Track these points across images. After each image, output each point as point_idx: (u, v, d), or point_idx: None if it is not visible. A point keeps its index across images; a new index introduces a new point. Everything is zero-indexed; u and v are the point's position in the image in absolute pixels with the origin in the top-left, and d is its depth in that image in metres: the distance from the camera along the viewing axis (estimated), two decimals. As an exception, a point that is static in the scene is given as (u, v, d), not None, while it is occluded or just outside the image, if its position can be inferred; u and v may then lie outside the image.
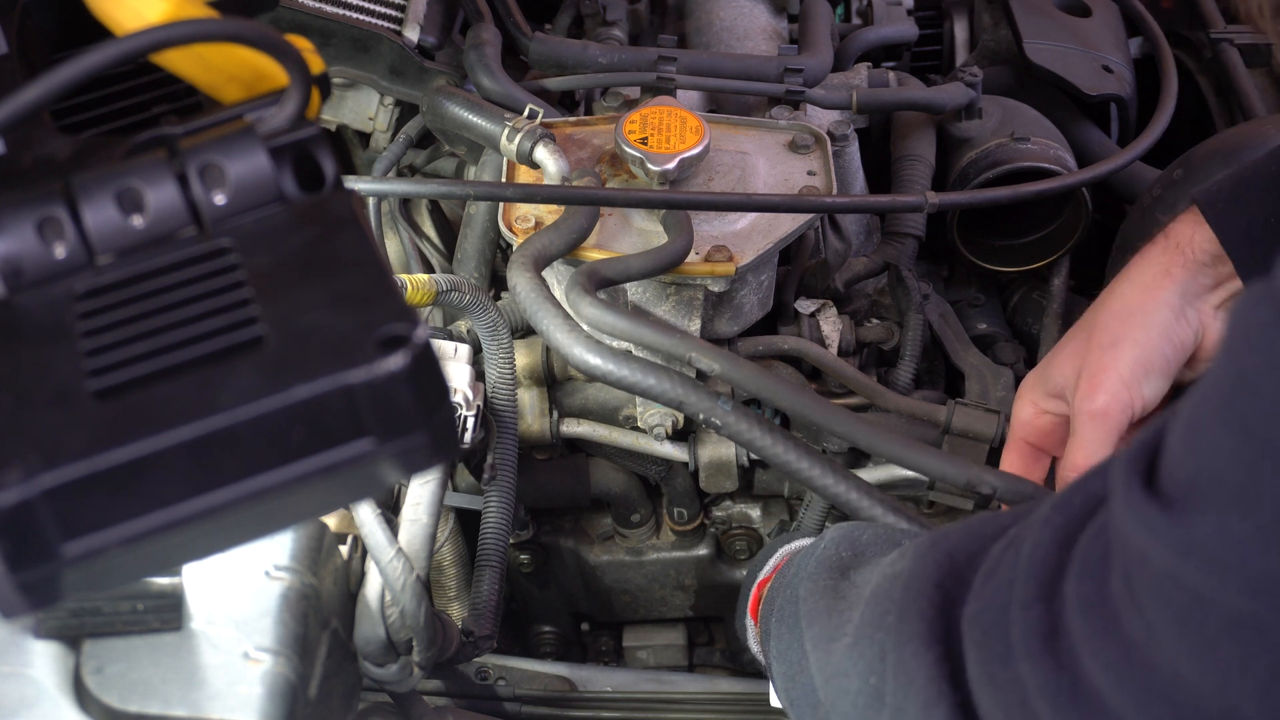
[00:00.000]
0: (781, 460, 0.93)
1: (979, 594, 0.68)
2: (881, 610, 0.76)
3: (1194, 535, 0.51)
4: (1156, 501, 0.53)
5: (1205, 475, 0.52)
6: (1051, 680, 0.60)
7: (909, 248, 1.34)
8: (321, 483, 0.49)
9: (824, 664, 0.83)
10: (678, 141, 1.15)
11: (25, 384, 0.49)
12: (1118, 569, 0.56)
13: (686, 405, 0.94)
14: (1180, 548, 0.52)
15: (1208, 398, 0.53)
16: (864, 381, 1.21)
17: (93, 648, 0.78)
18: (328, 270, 0.53)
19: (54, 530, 0.46)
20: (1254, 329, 0.51)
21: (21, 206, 0.53)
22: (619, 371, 0.95)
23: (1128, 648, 0.55)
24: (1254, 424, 0.50)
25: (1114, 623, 0.56)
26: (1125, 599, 0.55)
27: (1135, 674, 0.55)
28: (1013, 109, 1.41)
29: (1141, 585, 0.54)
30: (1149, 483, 0.55)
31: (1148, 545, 0.53)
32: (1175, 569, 0.52)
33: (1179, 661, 0.53)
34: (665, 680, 1.26)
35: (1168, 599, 0.53)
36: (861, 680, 0.77)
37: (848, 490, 0.93)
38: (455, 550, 1.30)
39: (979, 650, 0.66)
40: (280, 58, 0.56)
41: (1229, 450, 0.51)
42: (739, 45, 1.45)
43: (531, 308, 1.00)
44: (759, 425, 0.93)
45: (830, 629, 0.84)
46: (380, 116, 1.38)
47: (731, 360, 0.94)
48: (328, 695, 0.85)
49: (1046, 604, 0.61)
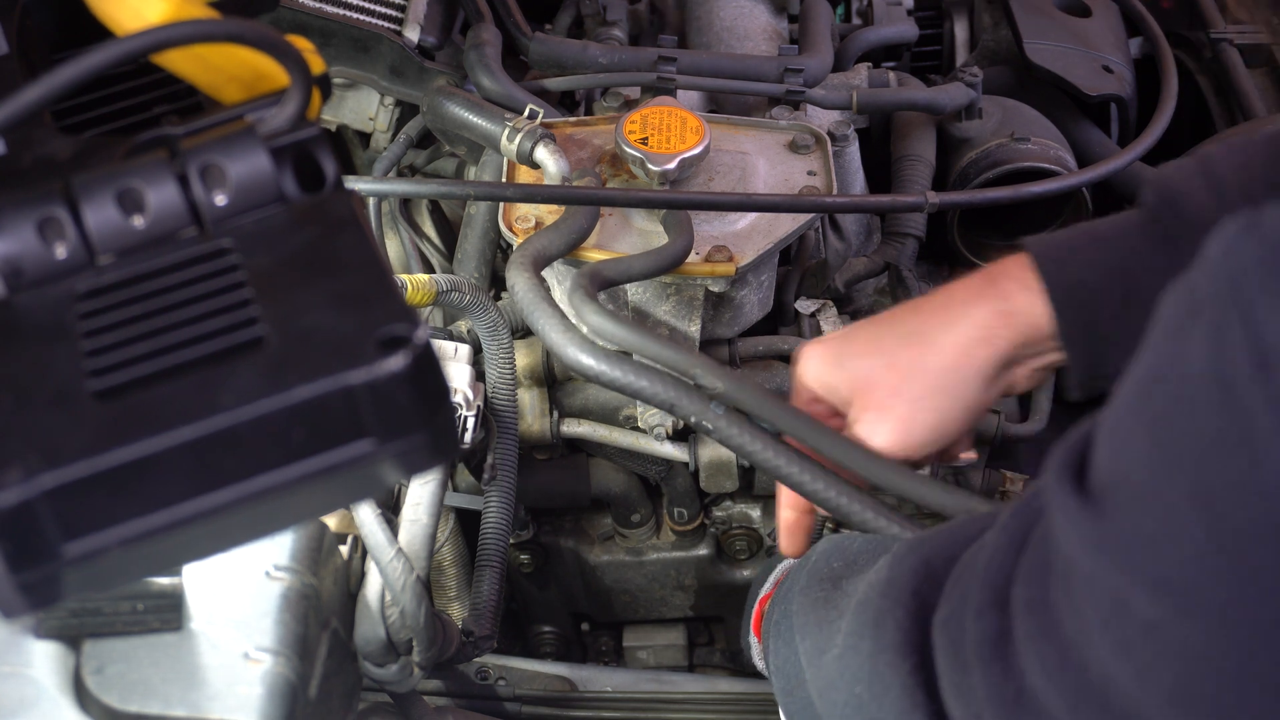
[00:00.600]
0: (771, 465, 0.93)
1: (948, 599, 0.68)
2: (864, 620, 0.76)
3: (1108, 535, 0.51)
4: (1082, 500, 0.53)
5: (1120, 473, 0.51)
6: (998, 687, 0.59)
7: (909, 248, 1.34)
8: (322, 483, 0.49)
9: (816, 677, 0.83)
10: (678, 141, 1.15)
11: (25, 384, 0.49)
12: (1057, 572, 0.56)
13: (678, 408, 0.94)
14: (1099, 547, 0.51)
15: (1124, 392, 0.52)
16: (864, 381, 1.21)
17: (93, 648, 0.78)
18: (328, 270, 0.53)
19: (54, 530, 0.46)
20: (1168, 324, 0.50)
21: (22, 206, 0.53)
22: (612, 373, 0.95)
23: (1064, 649, 0.55)
24: (1159, 420, 0.49)
25: (1054, 625, 0.56)
26: (1063, 600, 0.55)
27: (1070, 676, 0.55)
28: (1013, 109, 1.41)
29: (1075, 585, 0.54)
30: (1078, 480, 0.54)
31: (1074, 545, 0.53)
32: (1095, 569, 0.52)
33: (1106, 662, 0.53)
34: (665, 680, 1.26)
35: (1094, 599, 0.53)
36: (848, 691, 0.76)
37: (838, 496, 0.92)
38: (455, 550, 1.30)
39: (945, 658, 0.66)
40: (281, 58, 0.56)
41: (1139, 447, 0.50)
42: (739, 45, 1.45)
43: (528, 308, 1.00)
44: (750, 430, 0.93)
45: (821, 641, 0.83)
46: (380, 117, 1.38)
47: (735, 380, 0.94)
48: (328, 695, 0.85)
49: (998, 611, 0.61)
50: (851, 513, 0.93)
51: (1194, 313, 0.48)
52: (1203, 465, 0.47)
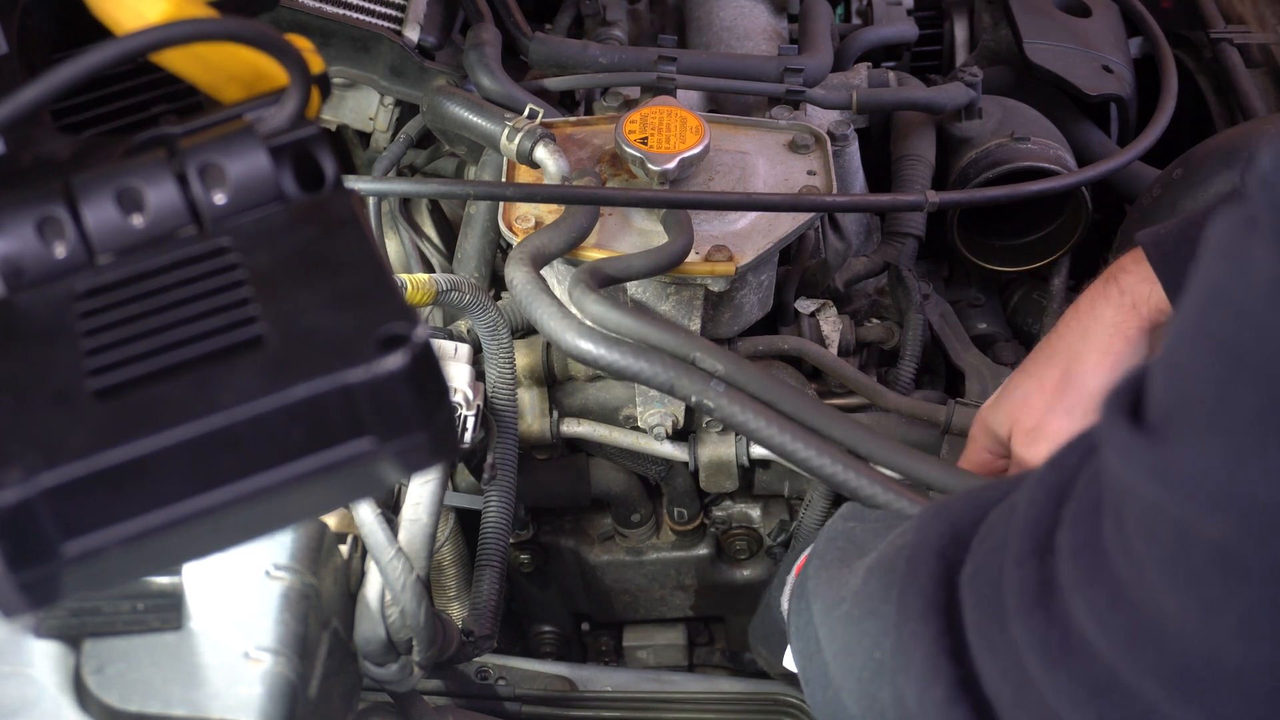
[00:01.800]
0: (776, 442, 0.93)
1: (975, 555, 0.67)
2: (885, 583, 0.75)
3: (1174, 461, 0.49)
4: (1140, 432, 0.52)
5: (1182, 398, 0.50)
6: (1041, 636, 0.58)
7: (909, 248, 1.34)
8: (321, 482, 0.49)
9: (830, 637, 0.82)
10: (678, 141, 1.15)
11: (25, 384, 0.49)
12: (1109, 512, 0.55)
13: (678, 388, 0.93)
14: (1162, 476, 0.50)
15: (1182, 320, 0.51)
16: (864, 381, 1.21)
17: (93, 648, 0.77)
18: (328, 270, 0.52)
19: (54, 530, 0.46)
20: (1224, 240, 0.49)
21: (21, 206, 0.53)
22: (609, 356, 0.95)
23: (1116, 591, 0.54)
24: (1224, 337, 0.48)
25: (1104, 567, 0.55)
26: (1115, 541, 0.54)
27: (1123, 618, 0.54)
28: (1013, 109, 1.41)
29: (1130, 523, 0.53)
30: (1134, 415, 0.53)
31: (1133, 477, 0.52)
32: (1159, 499, 0.50)
33: (1164, 600, 0.51)
34: (665, 680, 1.26)
35: (1153, 533, 0.51)
36: (866, 655, 0.76)
37: (844, 471, 0.92)
38: (455, 550, 1.30)
39: (975, 613, 0.65)
40: (280, 57, 0.56)
41: (1202, 368, 0.49)
42: (739, 45, 1.45)
43: (526, 298, 1.00)
44: (751, 407, 0.92)
45: (832, 598, 0.83)
46: (380, 116, 1.38)
47: (735, 362, 0.94)
48: (328, 695, 0.85)
49: (1039, 559, 0.60)
50: (859, 487, 0.93)
51: (1250, 226, 0.47)
52: (1276, 372, 0.46)
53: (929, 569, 0.70)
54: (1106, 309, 0.95)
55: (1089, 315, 0.96)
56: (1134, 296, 0.94)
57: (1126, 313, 0.94)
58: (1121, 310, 0.94)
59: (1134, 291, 0.94)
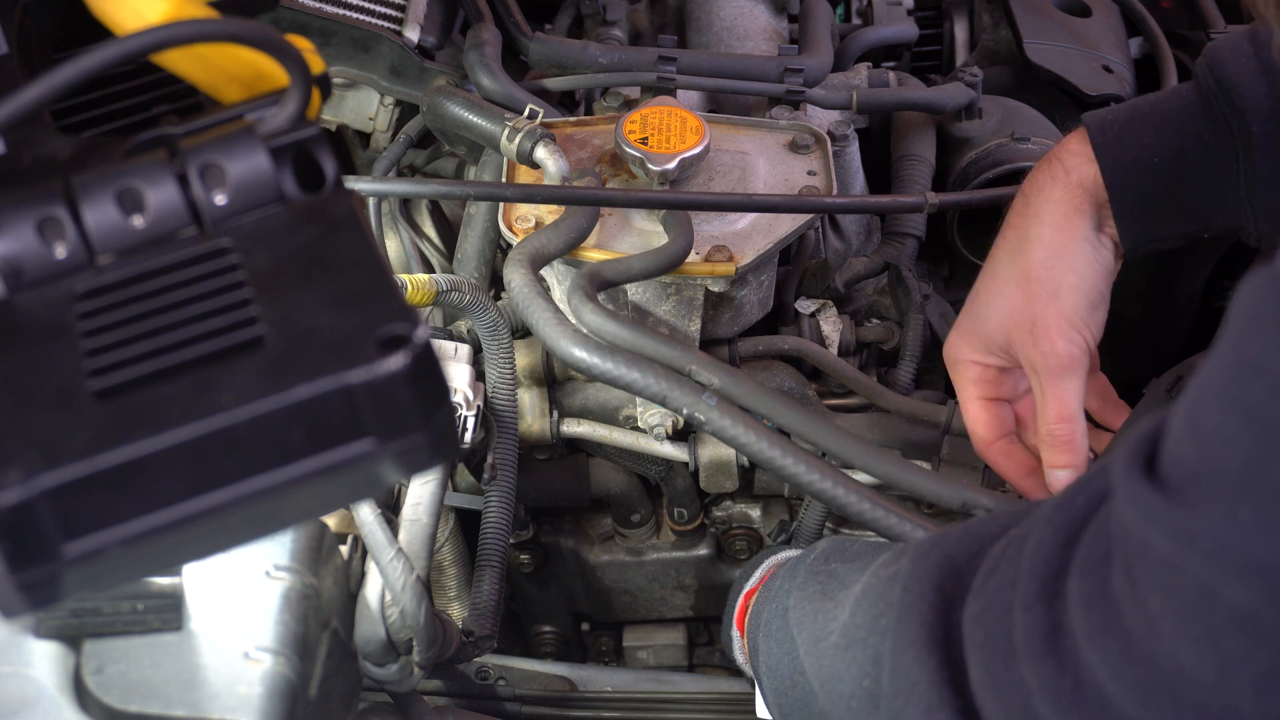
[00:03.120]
0: (766, 457, 0.93)
1: (980, 594, 0.67)
2: (876, 612, 0.75)
3: (1197, 524, 0.50)
4: (1159, 490, 0.53)
5: (1208, 463, 0.51)
6: (1053, 681, 0.59)
7: (909, 248, 1.34)
8: (321, 483, 0.49)
9: (817, 667, 0.83)
10: (678, 141, 1.15)
11: (25, 384, 0.49)
12: (1119, 563, 0.56)
13: (670, 400, 0.94)
14: (1183, 537, 0.51)
15: (1210, 385, 0.52)
16: (864, 382, 1.21)
17: (93, 648, 0.77)
18: (328, 270, 0.53)
19: (54, 530, 0.46)
20: (1257, 313, 0.50)
21: (22, 206, 0.53)
22: (603, 365, 0.95)
23: (1129, 642, 0.55)
24: (1258, 409, 0.49)
25: (1115, 617, 0.55)
26: (1127, 592, 0.55)
27: (1137, 668, 0.54)
28: (1013, 109, 1.41)
29: (1143, 576, 0.54)
30: (1151, 472, 0.54)
31: (1150, 534, 0.53)
32: (1177, 558, 0.51)
33: (1180, 653, 0.52)
34: (665, 680, 1.26)
35: (1169, 589, 0.52)
36: (855, 684, 0.76)
37: (834, 486, 0.92)
38: (455, 550, 1.30)
39: (981, 652, 0.66)
40: (280, 58, 0.56)
41: (1232, 436, 0.50)
42: (739, 45, 1.45)
43: (523, 303, 1.00)
44: (743, 421, 0.92)
45: (818, 630, 0.83)
46: (380, 116, 1.38)
47: (731, 375, 0.94)
48: (328, 695, 0.85)
49: (1048, 604, 0.60)
50: (848, 504, 0.93)
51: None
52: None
53: (928, 600, 0.70)
54: (1055, 189, 0.97)
55: (1038, 198, 0.98)
56: (1079, 175, 0.96)
57: (1074, 189, 0.96)
58: (1069, 188, 0.96)
59: (1079, 171, 0.96)
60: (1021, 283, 0.97)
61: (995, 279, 1.00)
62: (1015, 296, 0.97)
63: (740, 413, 0.93)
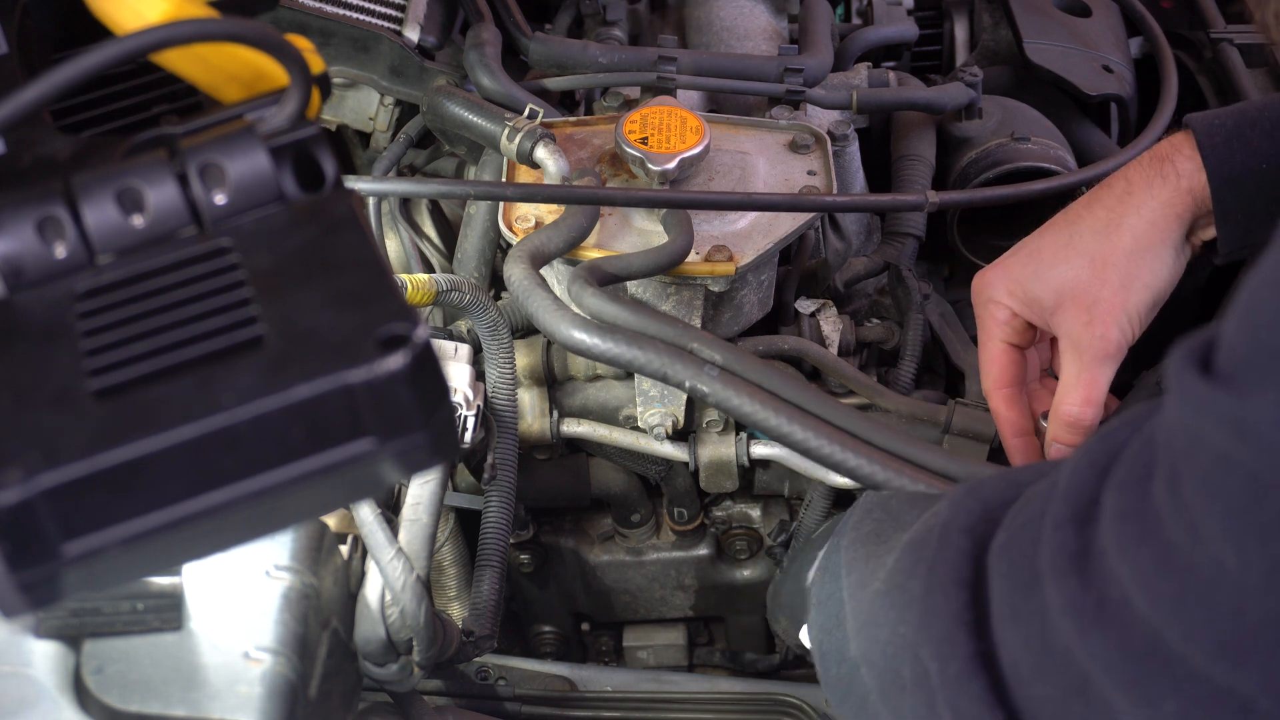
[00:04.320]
0: (772, 425, 0.93)
1: (1008, 527, 0.67)
2: (915, 558, 0.75)
3: (1251, 412, 0.49)
4: (1213, 382, 0.51)
5: (1263, 350, 0.50)
6: (1076, 597, 0.58)
7: (909, 248, 1.34)
8: (321, 483, 0.49)
9: (857, 610, 0.82)
10: (678, 141, 1.15)
11: (25, 384, 0.49)
12: (1162, 473, 0.54)
13: (671, 375, 0.93)
14: (1236, 425, 0.49)
15: (1265, 279, 0.51)
16: (864, 381, 1.21)
17: (93, 648, 0.77)
18: (328, 270, 0.53)
19: (54, 530, 0.46)
20: None
21: (22, 206, 0.53)
22: (603, 345, 0.95)
23: (1167, 552, 0.53)
24: None
25: (1152, 530, 0.54)
26: (1169, 502, 0.54)
27: (1172, 581, 0.53)
28: (1013, 109, 1.41)
29: (1190, 478, 0.52)
30: (1205, 369, 0.53)
31: (1202, 427, 0.51)
32: (1230, 448, 0.50)
33: (1224, 557, 0.51)
34: (665, 680, 1.26)
35: (1218, 487, 0.51)
36: (891, 629, 0.76)
37: (841, 451, 0.91)
38: (455, 550, 1.30)
39: (1004, 581, 0.65)
40: (280, 57, 0.56)
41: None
42: (739, 45, 1.45)
43: (523, 294, 1.00)
44: (745, 391, 0.92)
45: (866, 575, 0.83)
46: (380, 116, 1.38)
47: (733, 352, 0.94)
48: (328, 695, 0.85)
49: (1079, 525, 0.60)
50: (857, 467, 0.92)
51: None
52: None
53: (958, 544, 0.70)
54: (1164, 189, 0.97)
55: (1143, 193, 0.98)
56: (1190, 182, 0.97)
57: (1182, 195, 0.97)
58: (1178, 193, 0.97)
59: (1190, 178, 0.97)
60: (1097, 263, 0.98)
61: (1069, 248, 1.00)
62: (1084, 272, 0.98)
63: (743, 383, 0.93)
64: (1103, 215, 0.99)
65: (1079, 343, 0.98)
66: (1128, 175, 1.00)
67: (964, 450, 1.15)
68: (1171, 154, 0.98)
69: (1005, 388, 1.05)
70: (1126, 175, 1.00)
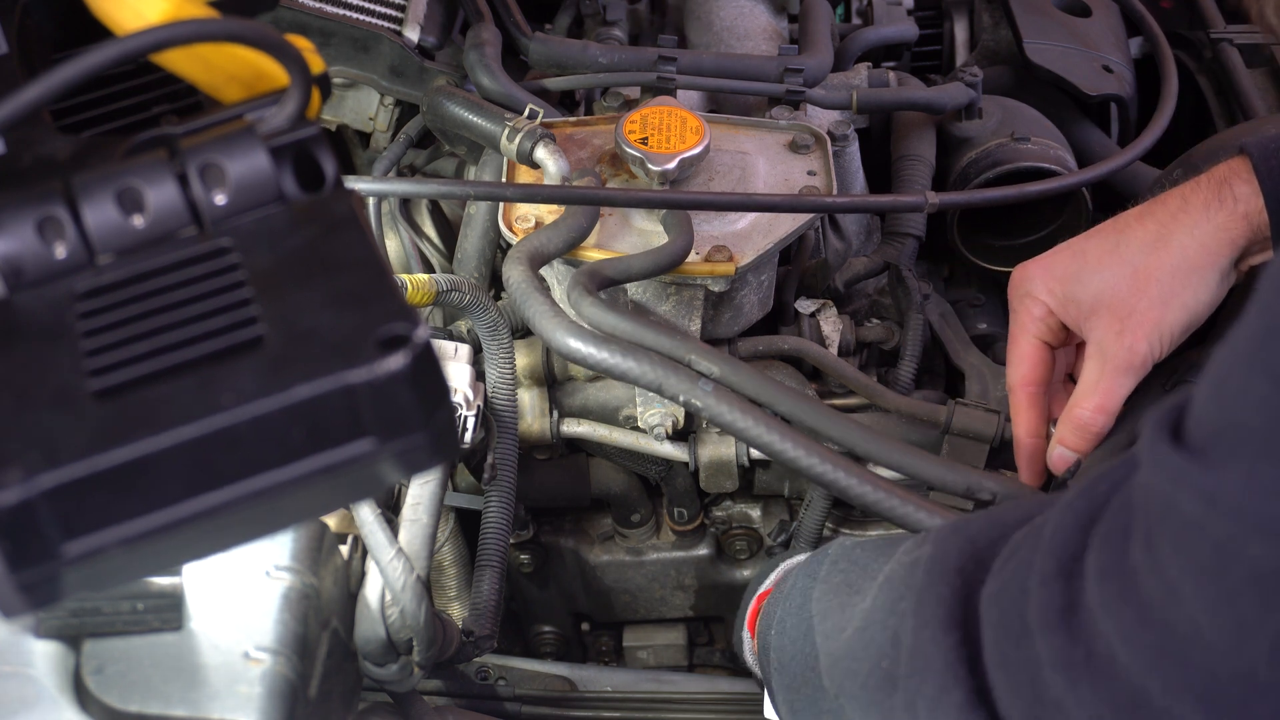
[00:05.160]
0: (764, 442, 0.93)
1: (998, 575, 0.68)
2: (897, 595, 0.76)
3: (1220, 483, 0.51)
4: (1184, 451, 0.53)
5: (1233, 423, 0.52)
6: (1065, 652, 0.60)
7: (909, 248, 1.34)
8: (321, 483, 0.49)
9: (832, 657, 0.83)
10: (678, 141, 1.15)
11: (25, 384, 0.49)
12: (1139, 533, 0.56)
13: (667, 388, 0.93)
14: (1206, 495, 0.52)
15: (1237, 349, 0.53)
16: (864, 381, 1.21)
17: (93, 648, 0.77)
18: (328, 270, 0.53)
19: (54, 530, 0.46)
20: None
21: (22, 206, 0.53)
22: (599, 355, 0.95)
23: (1145, 609, 0.55)
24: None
25: (1132, 587, 0.56)
26: (1145, 561, 0.55)
27: (1151, 635, 0.55)
28: (1013, 109, 1.41)
29: (1164, 541, 0.54)
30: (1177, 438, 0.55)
31: (1174, 495, 0.53)
32: (1200, 517, 0.52)
33: (1197, 617, 0.53)
34: (665, 680, 1.26)
35: (1190, 551, 0.53)
36: (873, 664, 0.76)
37: (834, 471, 0.92)
38: (455, 550, 1.30)
39: (995, 630, 0.67)
40: (280, 57, 0.56)
41: (1258, 397, 0.51)
42: (739, 45, 1.45)
43: (520, 297, 1.00)
44: (739, 406, 0.92)
45: (841, 621, 0.84)
46: (380, 116, 1.38)
47: (730, 364, 0.94)
48: (328, 695, 0.85)
49: (1065, 580, 0.61)
50: (849, 487, 0.92)
51: None
52: None
53: (949, 582, 0.71)
54: (1219, 213, 0.96)
55: (1199, 213, 0.96)
56: (1246, 207, 0.96)
57: (1238, 220, 0.95)
58: (1234, 217, 0.96)
59: (1246, 202, 0.96)
60: (1140, 277, 0.97)
61: (1114, 255, 0.99)
62: (1125, 283, 0.97)
63: (738, 398, 0.93)
64: (1154, 229, 0.98)
65: (1106, 350, 0.97)
66: (1185, 194, 0.99)
67: (964, 451, 1.15)
68: (1230, 177, 0.97)
69: (1031, 385, 1.04)
70: (1183, 194, 0.99)
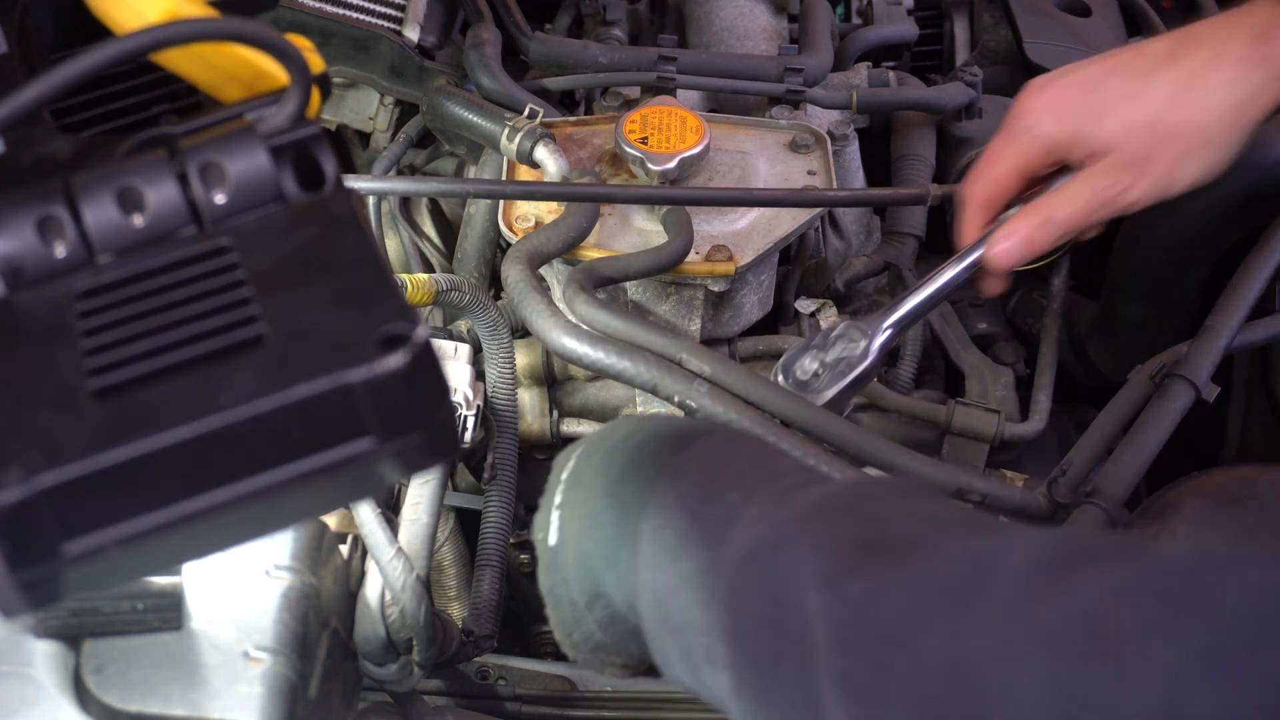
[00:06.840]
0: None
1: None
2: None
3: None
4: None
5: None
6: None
7: (909, 247, 1.34)
8: (321, 482, 0.49)
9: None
10: (678, 141, 1.15)
11: (25, 384, 0.49)
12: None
13: (662, 388, 0.93)
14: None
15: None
16: (864, 381, 1.21)
17: (93, 647, 0.77)
18: (328, 269, 0.53)
19: (54, 530, 0.46)
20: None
21: (22, 206, 0.53)
22: (594, 354, 0.95)
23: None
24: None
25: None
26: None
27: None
28: (1013, 109, 1.41)
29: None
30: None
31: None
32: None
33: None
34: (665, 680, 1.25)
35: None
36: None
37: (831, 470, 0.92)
38: (455, 550, 1.30)
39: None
40: (280, 57, 0.56)
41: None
42: (739, 45, 1.45)
43: (518, 296, 1.00)
44: (735, 408, 0.92)
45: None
46: (380, 116, 1.38)
47: (722, 363, 0.94)
48: (328, 695, 0.85)
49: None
50: None
51: None
52: None
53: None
54: (1257, 73, 0.89)
55: (1235, 69, 0.90)
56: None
57: (1274, 81, 0.90)
58: (1272, 78, 0.90)
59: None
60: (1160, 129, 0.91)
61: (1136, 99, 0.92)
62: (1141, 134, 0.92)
63: (733, 399, 0.93)
64: (1181, 78, 0.91)
65: (1100, 190, 0.94)
66: (1219, 41, 0.91)
67: (964, 451, 1.15)
68: (1270, 30, 0.89)
69: (990, 208, 1.02)
70: (1218, 39, 0.91)
